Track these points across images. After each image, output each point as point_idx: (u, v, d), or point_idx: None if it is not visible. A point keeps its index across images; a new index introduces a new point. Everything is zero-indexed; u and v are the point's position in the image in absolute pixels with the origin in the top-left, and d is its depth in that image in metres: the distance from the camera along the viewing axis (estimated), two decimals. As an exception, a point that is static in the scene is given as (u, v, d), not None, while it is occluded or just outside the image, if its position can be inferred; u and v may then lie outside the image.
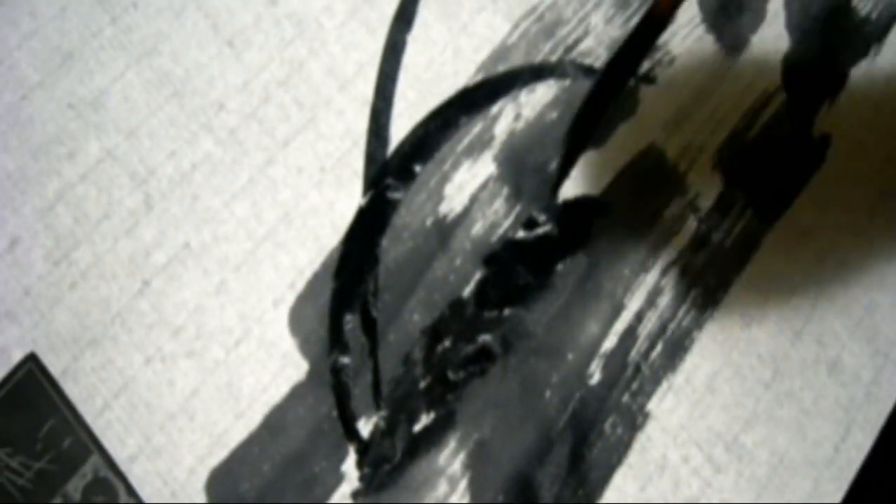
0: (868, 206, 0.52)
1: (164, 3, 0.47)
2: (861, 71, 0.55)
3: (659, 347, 0.47)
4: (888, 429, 0.48)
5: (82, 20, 0.46)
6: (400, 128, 0.48)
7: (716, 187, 0.51)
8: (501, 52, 0.50)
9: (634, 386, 0.46)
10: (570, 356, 0.46)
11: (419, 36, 0.49)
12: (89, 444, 0.40)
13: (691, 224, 0.50)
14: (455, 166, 0.48)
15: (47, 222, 0.42)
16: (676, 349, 0.47)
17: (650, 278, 0.48)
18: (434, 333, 0.45)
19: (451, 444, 0.44)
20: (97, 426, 0.40)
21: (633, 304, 0.48)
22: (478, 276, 0.46)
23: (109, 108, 0.45)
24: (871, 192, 0.52)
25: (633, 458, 0.45)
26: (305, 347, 0.43)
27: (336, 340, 0.44)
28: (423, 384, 0.44)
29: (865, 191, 0.52)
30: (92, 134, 0.44)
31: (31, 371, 0.40)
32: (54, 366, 0.41)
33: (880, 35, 0.56)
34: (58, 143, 0.44)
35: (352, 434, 0.43)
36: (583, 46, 0.51)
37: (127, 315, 0.42)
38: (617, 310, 0.47)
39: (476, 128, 0.49)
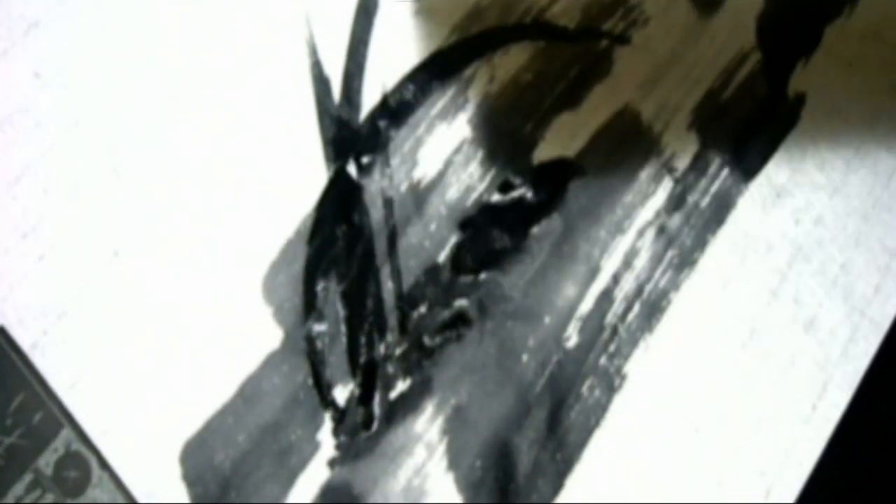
0: (843, 165, 0.52)
1: (129, -33, 0.46)
2: (835, 30, 0.55)
3: (636, 309, 0.47)
4: (864, 386, 0.48)
5: (46, -14, 0.45)
6: (373, 92, 0.47)
7: (691, 147, 0.50)
8: (475, 13, 0.50)
9: (612, 348, 0.46)
10: (546, 319, 0.46)
11: (391, -2, 0.49)
12: (61, 417, 0.39)
13: (667, 184, 0.49)
14: (429, 130, 0.47)
15: (15, 194, 0.42)
16: (653, 310, 0.47)
17: (626, 240, 0.48)
18: (410, 299, 0.45)
19: (429, 410, 0.44)
20: (68, 399, 0.40)
21: (610, 265, 0.47)
22: (453, 240, 0.46)
23: (77, 77, 0.44)
24: (846, 150, 0.52)
25: (611, 420, 0.45)
26: (279, 315, 0.43)
27: (310, 308, 0.43)
28: (399, 350, 0.44)
29: (840, 149, 0.52)
30: (59, 103, 0.43)
31: (0, 345, 0.39)
32: (23, 339, 0.40)
33: (855, -8, 0.56)
34: (24, 112, 0.43)
35: (327, 402, 0.42)
36: (557, 8, 0.51)
37: (97, 286, 0.42)
38: (593, 272, 0.47)
39: (450, 91, 0.48)
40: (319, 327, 0.43)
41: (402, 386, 0.44)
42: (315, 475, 0.41)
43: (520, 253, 0.47)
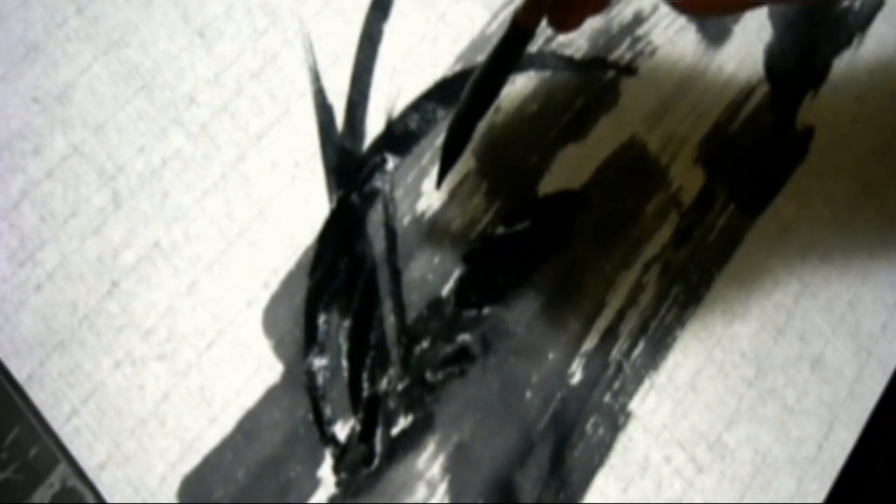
0: (851, 200, 0.51)
1: (132, -7, 0.45)
2: (844, 62, 0.54)
3: (641, 345, 0.47)
4: (871, 425, 0.48)
5: (47, 10, 0.44)
6: (376, 121, 0.47)
7: (698, 181, 0.50)
8: (480, 41, 0.49)
9: (616, 385, 0.46)
10: (550, 355, 0.45)
11: (396, 25, 0.48)
12: (56, 452, 0.39)
13: (673, 219, 0.49)
14: (433, 160, 0.47)
15: (12, 221, 0.41)
16: (658, 347, 0.47)
17: (632, 275, 0.48)
18: (412, 334, 0.44)
19: (430, 447, 0.43)
20: (65, 433, 0.39)
21: (615, 301, 0.47)
22: (456, 274, 0.45)
23: (76, 102, 0.43)
24: (854, 185, 0.52)
25: (614, 458, 0.45)
26: (280, 349, 0.42)
27: (311, 341, 0.43)
28: (401, 386, 0.43)
29: (848, 184, 0.52)
30: (58, 129, 0.43)
31: (-5, 377, 0.39)
32: (19, 371, 0.39)
33: (863, 25, 0.55)
34: (22, 138, 0.42)
35: (328, 438, 0.42)
36: (563, 37, 0.50)
37: (95, 317, 0.41)
38: (598, 307, 0.47)
39: (455, 120, 0.48)
40: (320, 361, 0.43)
41: (403, 422, 0.43)
42: (314, 513, 0.41)
43: (524, 287, 0.46)
